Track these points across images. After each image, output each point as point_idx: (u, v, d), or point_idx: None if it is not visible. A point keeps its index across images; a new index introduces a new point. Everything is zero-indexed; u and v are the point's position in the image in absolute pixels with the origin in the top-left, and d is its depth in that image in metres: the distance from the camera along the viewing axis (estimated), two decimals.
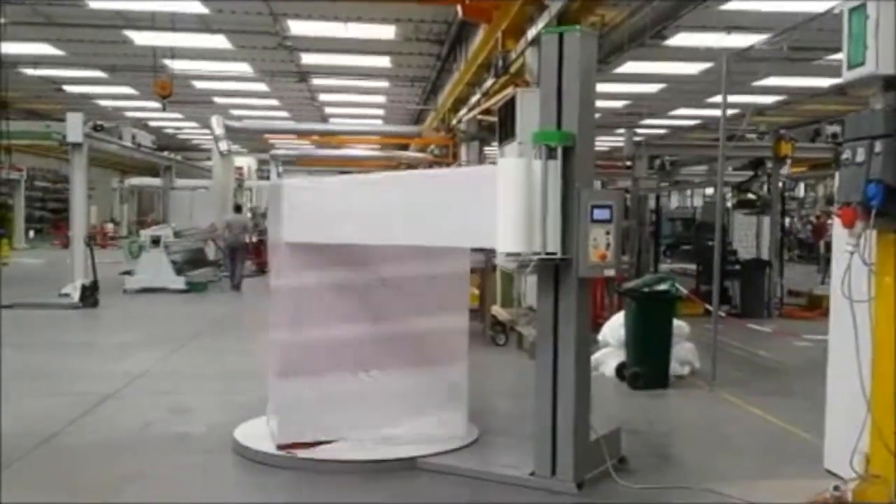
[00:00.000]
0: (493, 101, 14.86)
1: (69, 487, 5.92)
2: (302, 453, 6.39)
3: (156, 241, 18.67)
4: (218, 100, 29.42)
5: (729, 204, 17.25)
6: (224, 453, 6.65)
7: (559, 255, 5.67)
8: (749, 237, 17.59)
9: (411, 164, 31.05)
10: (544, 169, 5.64)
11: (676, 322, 9.62)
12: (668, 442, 7.41)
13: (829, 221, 23.98)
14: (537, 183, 5.64)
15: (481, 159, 20.80)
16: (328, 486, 6.01)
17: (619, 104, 27.50)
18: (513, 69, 14.28)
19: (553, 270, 5.82)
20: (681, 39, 17.46)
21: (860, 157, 5.05)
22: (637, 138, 17.81)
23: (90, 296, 15.55)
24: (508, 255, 5.83)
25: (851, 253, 5.13)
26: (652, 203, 18.93)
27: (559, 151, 5.67)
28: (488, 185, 5.76)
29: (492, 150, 19.50)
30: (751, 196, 17.26)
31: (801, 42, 13.94)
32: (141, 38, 19.56)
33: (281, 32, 19.16)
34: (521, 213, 5.61)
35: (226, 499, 5.86)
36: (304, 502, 5.78)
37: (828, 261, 18.77)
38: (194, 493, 5.84)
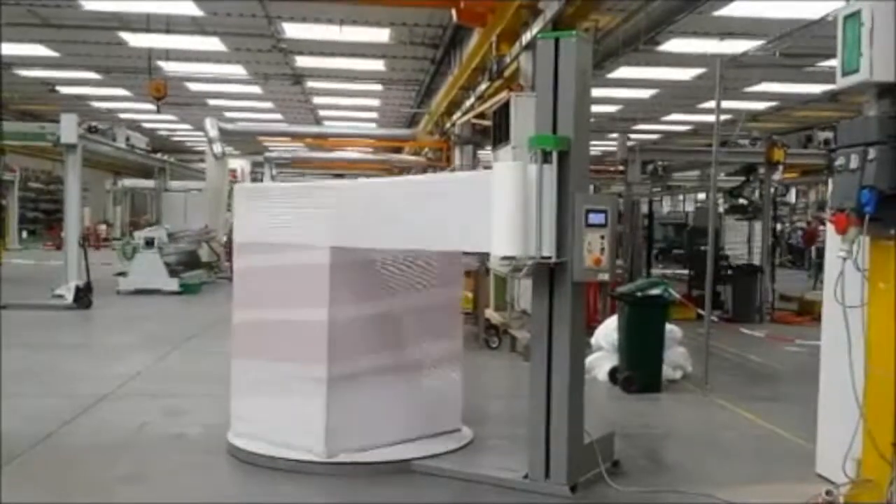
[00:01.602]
0: (487, 105, 14.88)
1: (66, 488, 5.94)
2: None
3: (149, 243, 18.65)
4: (212, 102, 29.42)
5: (721, 209, 17.31)
6: (219, 454, 6.66)
7: (554, 259, 5.71)
8: (741, 242, 17.65)
9: (405, 168, 31.05)
10: (539, 173, 5.68)
11: (669, 326, 9.65)
12: (661, 446, 7.44)
13: (821, 227, 24.08)
14: (532, 187, 5.67)
15: (475, 163, 20.84)
16: (321, 488, 6.03)
17: (612, 109, 27.58)
18: (507, 73, 14.32)
19: (548, 274, 5.84)
20: (674, 45, 17.52)
21: (854, 164, 5.08)
22: (630, 143, 17.86)
23: (84, 297, 15.52)
24: (503, 258, 5.84)
25: (844, 259, 5.17)
26: (645, 208, 18.97)
27: (554, 156, 5.71)
28: (483, 189, 5.78)
29: (486, 153, 19.52)
30: (742, 201, 17.34)
31: (794, 48, 14.00)
32: (135, 39, 19.54)
33: (275, 35, 19.16)
34: (516, 216, 5.63)
35: (221, 499, 5.87)
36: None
37: (819, 266, 18.93)
38: (191, 494, 5.85)
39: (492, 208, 5.68)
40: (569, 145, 5.75)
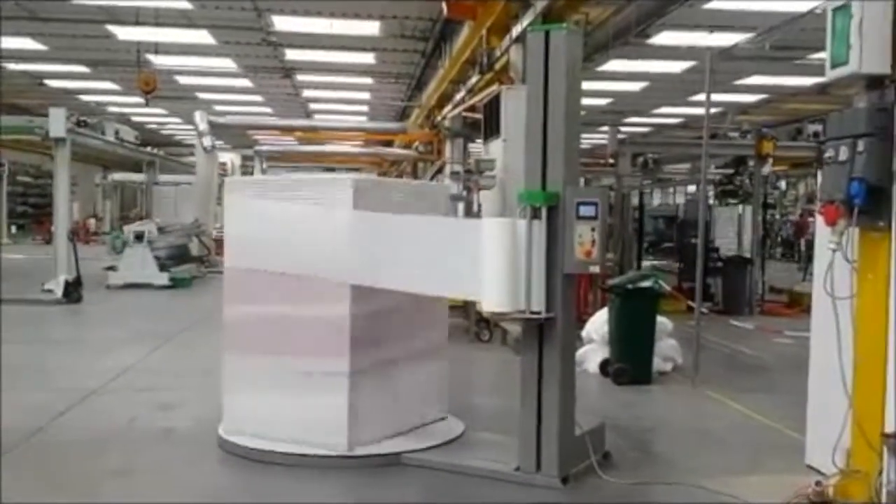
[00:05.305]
0: (477, 98, 14.88)
1: (55, 482, 5.92)
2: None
3: (139, 237, 18.61)
4: (202, 95, 29.31)
5: (711, 201, 17.36)
6: (210, 447, 6.65)
7: (543, 315, 5.72)
8: (731, 234, 17.73)
9: (396, 161, 31.01)
10: (529, 229, 5.68)
11: (659, 318, 9.67)
12: (651, 437, 7.46)
13: (811, 219, 24.16)
14: (522, 242, 5.67)
15: (465, 156, 20.83)
16: (312, 481, 6.02)
17: (602, 102, 27.57)
18: (497, 66, 14.31)
19: None
20: (665, 38, 17.51)
21: (843, 156, 5.11)
22: (621, 136, 17.88)
23: (73, 291, 15.46)
24: (494, 314, 5.89)
25: (834, 251, 5.19)
26: (635, 200, 19.01)
27: (543, 212, 5.70)
28: (474, 240, 5.79)
29: (476, 147, 19.53)
30: (730, 187, 17.39)
31: (784, 41, 14.04)
32: (124, 33, 19.46)
33: (265, 28, 19.10)
34: (505, 272, 5.65)
35: (212, 492, 5.87)
36: (288, 500, 5.79)
37: (809, 258, 19.01)
38: (180, 487, 5.85)
39: (481, 263, 5.70)
40: (558, 200, 5.73)
